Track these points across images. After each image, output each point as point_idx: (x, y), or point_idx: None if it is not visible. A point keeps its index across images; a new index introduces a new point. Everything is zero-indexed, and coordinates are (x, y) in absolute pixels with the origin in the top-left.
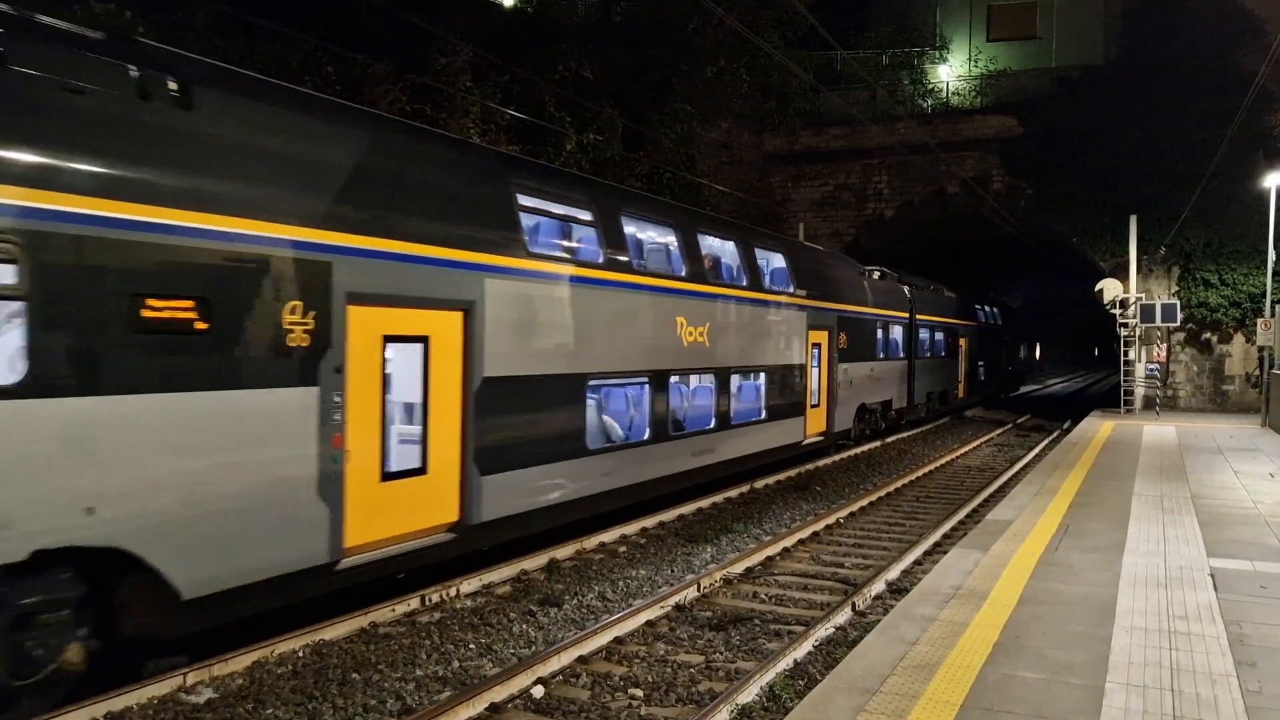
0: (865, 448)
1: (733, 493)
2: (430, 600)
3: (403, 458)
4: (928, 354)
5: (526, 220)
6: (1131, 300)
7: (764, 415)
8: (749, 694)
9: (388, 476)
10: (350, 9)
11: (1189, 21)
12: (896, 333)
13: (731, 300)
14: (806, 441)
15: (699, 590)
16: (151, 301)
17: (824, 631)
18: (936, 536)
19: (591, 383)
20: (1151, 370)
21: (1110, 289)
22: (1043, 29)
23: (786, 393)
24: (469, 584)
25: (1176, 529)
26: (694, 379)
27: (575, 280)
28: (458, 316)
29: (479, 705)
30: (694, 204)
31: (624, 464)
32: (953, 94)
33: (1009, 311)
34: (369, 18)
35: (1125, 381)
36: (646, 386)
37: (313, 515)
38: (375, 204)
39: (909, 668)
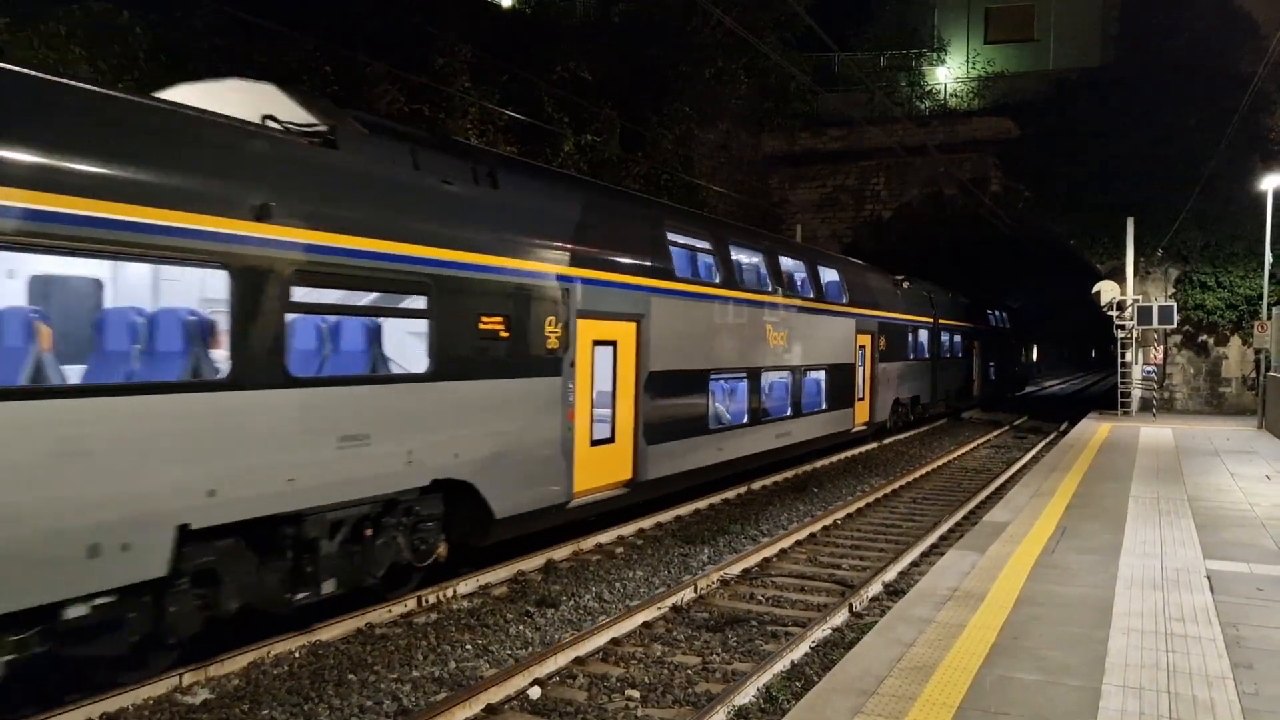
0: (862, 449)
1: (730, 494)
2: (427, 601)
3: (601, 430)
4: (948, 355)
5: (673, 251)
6: (1128, 302)
7: (824, 406)
8: (746, 695)
9: (594, 443)
10: (348, 9)
11: (1186, 24)
12: (923, 336)
13: (802, 310)
14: (855, 429)
15: (696, 591)
16: (483, 318)
17: (821, 633)
18: (933, 538)
19: (712, 377)
20: (1148, 372)
21: (1107, 291)
22: (1040, 31)
23: (841, 387)
24: (465, 585)
25: (1173, 531)
26: (776, 375)
27: (701, 296)
28: (633, 326)
29: (475, 706)
30: (692, 205)
31: (730, 441)
32: (950, 96)
33: (1015, 315)
34: (368, 17)
35: (1122, 383)
36: (745, 381)
37: (559, 467)
38: (590, 245)
39: (906, 669)
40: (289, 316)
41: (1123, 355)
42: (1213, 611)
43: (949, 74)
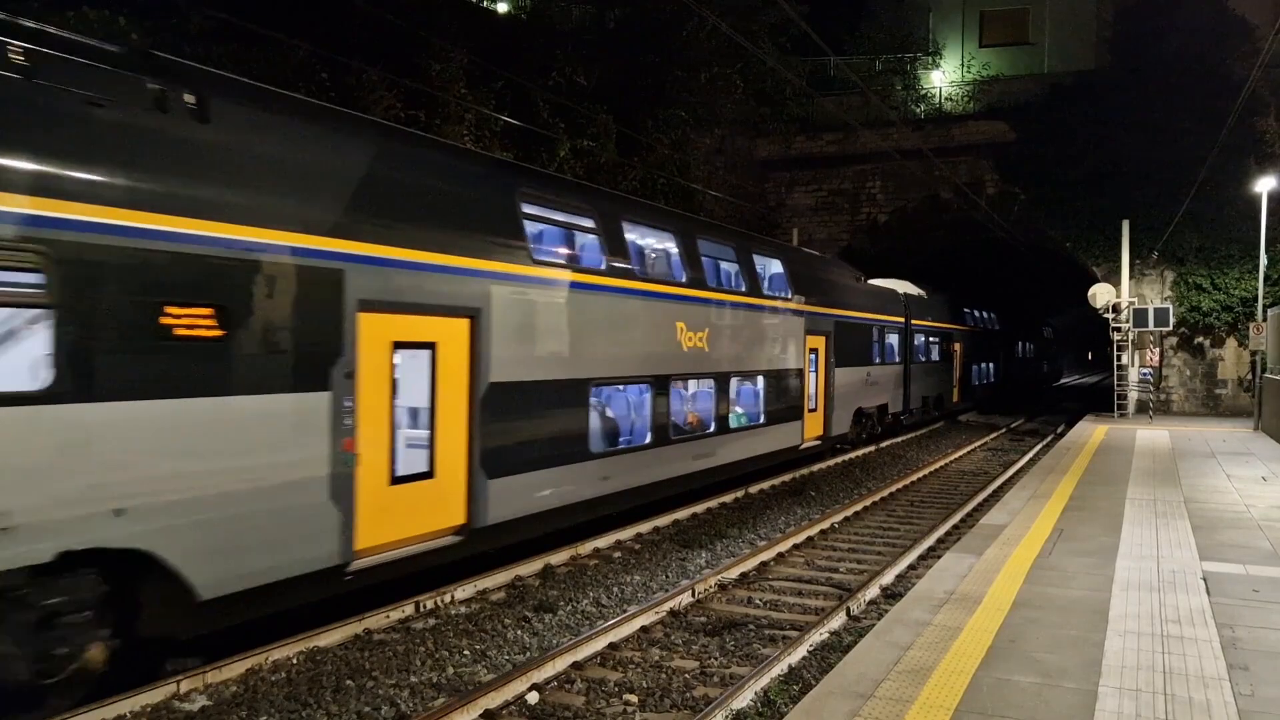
0: (859, 452)
1: (728, 498)
2: (425, 607)
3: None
4: (1030, 355)
5: (964, 314)
6: (1124, 304)
7: (994, 380)
8: (744, 699)
9: (970, 388)
10: (344, 15)
11: (1181, 27)
12: (1018, 345)
13: (992, 335)
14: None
15: (694, 595)
16: (887, 333)
17: (818, 636)
18: (930, 541)
19: (971, 364)
20: (1144, 374)
21: (1103, 293)
22: (1035, 35)
23: (997, 369)
24: (463, 590)
25: (1169, 533)
26: (981, 363)
27: (967, 333)
28: (960, 344)
29: (474, 711)
30: (688, 209)
31: (981, 389)
32: (945, 99)
33: (1055, 328)
34: (363, 23)
35: (1118, 385)
36: (977, 364)
37: (900, 399)
38: (932, 318)
39: (903, 672)
40: (874, 341)
41: (1119, 357)
42: (1209, 613)
43: (944, 78)
